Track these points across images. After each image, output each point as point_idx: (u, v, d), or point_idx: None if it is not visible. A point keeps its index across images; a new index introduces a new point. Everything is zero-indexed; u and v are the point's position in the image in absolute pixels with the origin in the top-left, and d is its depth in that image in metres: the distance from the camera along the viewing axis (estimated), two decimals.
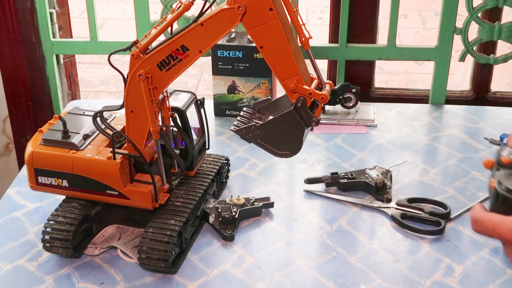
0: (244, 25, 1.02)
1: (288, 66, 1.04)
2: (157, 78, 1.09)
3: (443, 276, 1.15)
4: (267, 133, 1.07)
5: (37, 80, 1.80)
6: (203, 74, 3.61)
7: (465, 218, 1.28)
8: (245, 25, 1.02)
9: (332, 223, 1.28)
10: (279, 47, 1.03)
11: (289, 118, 1.05)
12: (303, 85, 1.04)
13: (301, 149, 1.08)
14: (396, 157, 1.48)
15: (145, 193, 1.14)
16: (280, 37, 1.02)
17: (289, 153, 1.09)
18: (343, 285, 1.13)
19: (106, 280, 1.14)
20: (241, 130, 1.09)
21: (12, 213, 1.31)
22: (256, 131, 1.08)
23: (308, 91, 1.04)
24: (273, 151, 1.09)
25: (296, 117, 1.05)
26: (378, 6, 1.76)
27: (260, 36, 1.03)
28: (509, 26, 1.66)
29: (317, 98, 1.04)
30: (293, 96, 1.05)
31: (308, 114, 1.05)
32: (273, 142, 1.08)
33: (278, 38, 1.02)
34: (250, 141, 1.09)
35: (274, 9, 1.00)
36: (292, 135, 1.07)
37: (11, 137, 1.90)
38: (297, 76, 1.04)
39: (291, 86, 1.04)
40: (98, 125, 1.16)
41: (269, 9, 1.00)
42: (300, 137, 1.07)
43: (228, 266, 1.17)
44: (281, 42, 1.02)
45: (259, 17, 1.01)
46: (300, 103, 1.04)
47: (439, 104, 1.74)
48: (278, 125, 1.07)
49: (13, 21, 1.72)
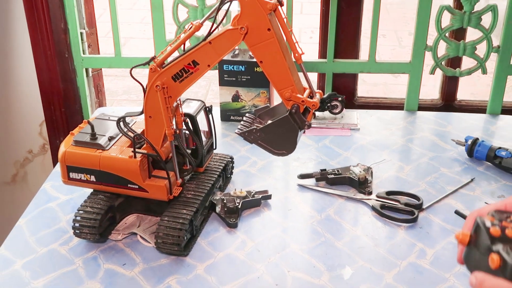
0: (246, 43, 1.02)
1: (283, 78, 1.03)
2: (172, 88, 1.08)
3: (416, 258, 1.14)
4: (266, 135, 1.07)
5: (69, 90, 1.79)
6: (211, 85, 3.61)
7: (435, 208, 1.28)
8: (247, 43, 1.02)
9: (321, 212, 1.27)
10: (276, 61, 1.02)
11: (285, 122, 1.05)
12: (297, 94, 1.04)
13: (295, 149, 1.08)
14: (376, 156, 1.48)
15: (161, 186, 1.13)
16: (277, 53, 1.01)
17: (285, 152, 1.09)
18: (331, 266, 1.12)
19: (128, 261, 1.13)
20: (244, 133, 1.08)
21: (47, 204, 1.30)
22: (257, 134, 1.07)
23: (301, 99, 1.03)
24: (271, 150, 1.09)
25: (291, 122, 1.05)
26: (360, 27, 1.75)
27: (260, 53, 1.02)
28: (473, 44, 1.65)
29: (309, 105, 1.04)
30: (288, 103, 1.05)
31: (301, 118, 1.05)
32: (272, 143, 1.08)
33: (275, 54, 1.01)
34: (252, 142, 1.08)
35: (272, 29, 1.00)
36: (288, 137, 1.07)
37: (46, 138, 1.89)
38: (292, 86, 1.03)
39: (287, 95, 1.04)
40: (121, 128, 1.15)
41: (267, 29, 1.00)
42: (295, 139, 1.07)
43: (232, 250, 1.16)
44: (277, 57, 1.02)
45: (259, 36, 1.01)
46: (294, 110, 1.04)
47: (413, 111, 1.73)
48: (276, 128, 1.06)
49: (49, 40, 1.71)
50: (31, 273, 1.10)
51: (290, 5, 1.64)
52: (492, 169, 1.42)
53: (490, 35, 1.63)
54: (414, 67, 1.70)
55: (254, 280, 1.09)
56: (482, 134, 1.58)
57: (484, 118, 1.69)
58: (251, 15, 1.00)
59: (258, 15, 0.99)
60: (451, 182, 1.37)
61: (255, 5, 0.99)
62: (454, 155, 1.48)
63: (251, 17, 1.00)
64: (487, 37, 1.63)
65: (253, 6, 0.99)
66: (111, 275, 1.10)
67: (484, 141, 1.45)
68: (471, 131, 1.59)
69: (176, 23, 1.68)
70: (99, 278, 1.09)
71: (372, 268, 1.11)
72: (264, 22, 0.99)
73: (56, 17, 1.69)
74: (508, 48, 1.64)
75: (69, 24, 1.70)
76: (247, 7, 1.00)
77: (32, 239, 1.19)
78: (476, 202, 1.30)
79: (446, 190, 1.34)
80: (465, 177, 1.39)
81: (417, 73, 1.70)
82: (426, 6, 1.62)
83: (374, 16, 1.65)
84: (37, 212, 1.28)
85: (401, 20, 4.49)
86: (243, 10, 1.00)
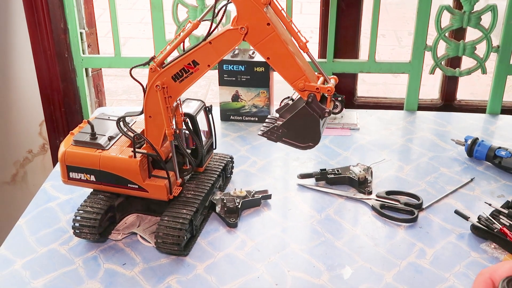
0: (250, 43, 1.02)
1: (293, 70, 1.02)
2: (172, 88, 1.08)
3: (416, 258, 1.14)
4: (289, 131, 1.05)
5: (69, 90, 1.79)
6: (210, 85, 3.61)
7: (435, 208, 1.28)
8: (250, 43, 1.02)
9: (321, 212, 1.27)
10: (282, 54, 1.01)
11: (304, 113, 1.02)
12: (310, 82, 1.02)
13: (320, 139, 1.05)
14: (376, 156, 1.48)
15: (161, 186, 1.13)
16: (281, 46, 1.01)
17: (311, 144, 1.06)
18: (331, 265, 1.12)
19: (128, 261, 1.13)
20: (266, 133, 1.06)
21: (47, 204, 1.30)
22: (279, 131, 1.05)
23: (315, 86, 1.02)
24: (297, 145, 1.06)
25: (310, 112, 1.02)
26: (360, 27, 1.75)
27: (264, 49, 1.02)
28: (472, 44, 1.65)
29: (324, 91, 1.02)
30: (304, 94, 1.03)
31: (320, 107, 1.02)
32: (296, 137, 1.05)
33: (280, 47, 1.01)
34: (276, 140, 1.06)
35: (271, 23, 0.99)
36: (311, 128, 1.04)
37: (46, 138, 1.89)
38: (303, 76, 1.02)
39: (300, 85, 1.02)
40: (121, 128, 1.15)
41: (266, 24, 0.99)
42: (318, 129, 1.04)
43: (232, 249, 1.16)
44: (282, 50, 1.01)
45: (260, 33, 1.01)
46: (311, 99, 1.02)
47: (412, 111, 1.73)
48: (296, 121, 1.04)
49: (48, 40, 1.71)
50: (31, 273, 1.10)
51: (290, 5, 1.64)
52: (492, 169, 1.42)
53: (489, 35, 1.63)
54: (413, 67, 1.70)
55: (254, 279, 1.09)
56: (481, 134, 1.58)
57: (484, 118, 1.69)
58: (247, 13, 1.00)
59: (255, 11, 0.99)
60: (450, 182, 1.37)
61: (249, 2, 0.99)
62: (454, 155, 1.48)
63: (248, 15, 1.00)
64: (486, 37, 1.63)
65: (247, 4, 0.99)
66: (111, 275, 1.10)
67: (483, 141, 1.45)
68: (471, 131, 1.59)
69: (175, 23, 1.68)
70: (99, 278, 1.09)
71: (372, 267, 1.11)
72: (262, 17, 0.99)
73: (56, 17, 1.69)
74: (507, 48, 1.65)
75: (69, 24, 1.70)
76: (242, 6, 1.00)
77: (32, 239, 1.19)
78: (475, 202, 1.30)
79: (446, 190, 1.34)
80: (465, 177, 1.39)
81: (417, 73, 1.70)
82: (426, 6, 1.62)
83: (373, 16, 1.65)
84: (37, 212, 1.28)
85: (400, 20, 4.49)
86: (239, 10, 1.01)
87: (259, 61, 1.58)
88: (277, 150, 1.50)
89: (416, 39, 1.66)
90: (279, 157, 1.48)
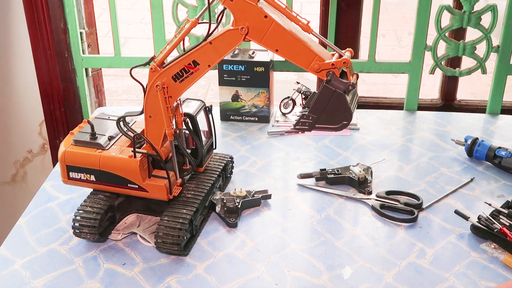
0: (254, 40, 1.02)
1: (304, 54, 1.01)
2: (172, 88, 1.08)
3: (416, 258, 1.14)
4: (319, 116, 1.03)
5: (69, 90, 1.79)
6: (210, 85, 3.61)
7: (435, 208, 1.28)
8: (255, 40, 1.02)
9: (321, 212, 1.27)
10: (289, 42, 1.01)
11: (327, 93, 1.00)
12: (324, 61, 1.00)
13: (353, 115, 1.03)
14: (376, 156, 1.48)
15: (161, 186, 1.13)
16: (285, 35, 1.00)
17: (345, 122, 1.03)
18: (331, 265, 1.12)
19: (127, 261, 1.13)
20: (297, 124, 1.04)
21: (47, 204, 1.30)
22: (309, 119, 1.03)
23: (330, 63, 1.00)
24: (331, 128, 1.04)
25: (332, 89, 1.00)
26: (360, 27, 1.75)
27: (270, 42, 1.02)
28: (472, 44, 1.65)
29: (340, 65, 1.00)
30: (322, 74, 1.01)
31: (342, 82, 1.00)
32: (328, 120, 1.03)
33: (284, 36, 1.00)
34: (310, 129, 1.03)
35: (268, 15, 0.99)
36: (339, 106, 1.01)
37: (46, 138, 1.89)
38: (316, 57, 1.00)
39: (315, 67, 1.01)
40: (121, 128, 1.15)
41: (264, 17, 0.99)
42: (346, 105, 1.01)
43: (232, 249, 1.16)
44: (287, 38, 1.00)
45: (261, 28, 1.01)
46: (329, 77, 1.00)
47: (412, 111, 1.73)
48: (323, 104, 1.01)
49: (48, 40, 1.71)
50: (31, 272, 1.10)
51: (289, 5, 1.64)
52: (492, 168, 1.42)
53: (489, 35, 1.63)
54: (413, 67, 1.70)
55: (254, 279, 1.09)
56: (481, 134, 1.58)
57: (484, 118, 1.69)
58: (243, 13, 1.00)
59: (249, 9, 0.99)
60: (450, 182, 1.37)
61: (241, 2, 0.99)
62: (454, 155, 1.48)
63: (244, 15, 1.00)
64: (486, 37, 1.63)
65: (240, 4, 0.99)
66: (111, 275, 1.10)
67: (483, 141, 1.45)
68: (471, 130, 1.59)
69: (175, 22, 1.68)
70: (99, 278, 1.09)
71: (372, 267, 1.11)
72: (257, 12, 0.99)
73: (56, 17, 1.69)
74: (507, 48, 1.65)
75: (68, 24, 1.70)
76: (236, 9, 1.00)
77: (32, 238, 1.19)
78: (475, 202, 1.30)
79: (446, 189, 1.34)
80: (465, 177, 1.39)
81: (417, 73, 1.70)
82: (426, 6, 1.62)
83: (373, 16, 1.65)
84: (37, 211, 1.28)
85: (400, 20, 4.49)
86: (234, 12, 1.01)
87: (259, 61, 1.58)
88: (277, 150, 1.51)
89: (416, 39, 1.66)
90: (279, 157, 1.48)
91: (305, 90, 1.63)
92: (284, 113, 1.66)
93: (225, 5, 1.00)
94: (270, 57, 1.60)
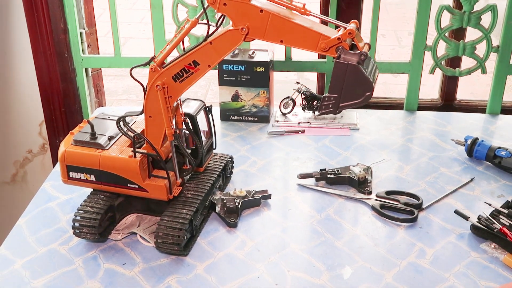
0: (258, 38, 1.02)
1: (308, 37, 1.00)
2: (172, 88, 1.08)
3: (416, 258, 1.14)
4: (340, 94, 1.00)
5: (69, 90, 1.79)
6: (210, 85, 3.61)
7: (435, 208, 1.28)
8: (258, 38, 1.02)
9: (321, 212, 1.27)
10: (290, 30, 1.00)
11: (340, 69, 0.98)
12: (330, 38, 0.99)
13: (373, 84, 1.01)
14: (376, 156, 1.48)
15: (161, 186, 1.13)
16: (285, 24, 1.00)
17: (368, 94, 1.01)
18: (331, 265, 1.12)
19: (127, 261, 1.13)
20: (320, 109, 1.02)
21: (47, 204, 1.30)
22: (331, 99, 1.01)
23: (336, 37, 0.98)
24: (356, 103, 1.01)
25: (345, 64, 0.98)
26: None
27: (272, 35, 1.01)
28: (472, 44, 1.65)
29: (346, 38, 0.99)
30: (332, 52, 1.00)
31: (352, 54, 0.98)
32: (351, 97, 1.01)
33: (284, 25, 1.00)
34: (337, 110, 1.02)
35: (264, 9, 0.99)
36: (356, 79, 0.99)
37: (46, 138, 1.90)
38: (321, 36, 0.99)
39: (323, 46, 0.99)
40: (121, 128, 1.15)
41: (260, 12, 1.00)
42: (363, 76, 0.99)
43: (232, 249, 1.16)
44: (288, 26, 1.00)
45: (260, 25, 1.01)
46: (339, 52, 0.99)
47: (412, 111, 1.73)
48: (340, 81, 0.99)
49: (48, 40, 1.71)
50: (31, 272, 1.10)
51: None
52: (492, 168, 1.42)
53: (489, 35, 1.63)
54: (413, 67, 1.70)
55: (254, 279, 1.09)
56: (481, 134, 1.58)
57: (484, 118, 1.69)
58: (239, 14, 1.00)
59: (244, 8, 0.99)
60: (450, 181, 1.37)
61: (234, 4, 0.99)
62: (454, 154, 1.48)
63: (241, 15, 1.00)
64: (486, 37, 1.63)
65: (234, 6, 1.00)
66: (111, 275, 1.10)
67: (483, 141, 1.45)
68: (471, 130, 1.59)
69: (175, 23, 1.68)
70: (99, 278, 1.09)
71: (372, 267, 1.11)
72: (252, 9, 0.99)
73: (55, 17, 1.69)
74: (507, 48, 1.65)
75: (68, 24, 1.70)
76: (231, 12, 1.00)
77: (32, 238, 1.19)
78: (475, 202, 1.30)
79: (446, 189, 1.34)
80: (465, 177, 1.39)
81: (417, 73, 1.70)
82: (426, 6, 1.62)
83: (373, 16, 1.65)
84: (37, 211, 1.28)
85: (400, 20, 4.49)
86: (230, 15, 1.01)
87: (259, 61, 1.58)
88: (277, 150, 1.51)
89: (416, 39, 1.66)
90: (279, 157, 1.48)
91: (305, 90, 1.63)
92: (284, 113, 1.66)
93: (220, 12, 1.01)
94: (270, 57, 1.60)
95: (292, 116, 1.66)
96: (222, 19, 1.06)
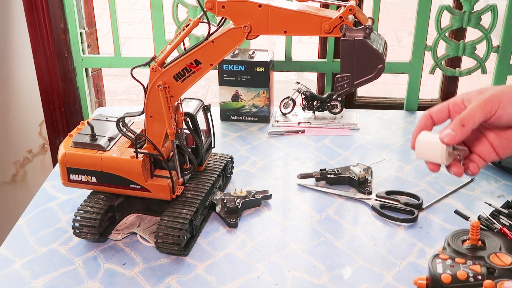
0: (260, 33, 1.02)
1: (310, 21, 1.00)
2: (174, 88, 1.08)
3: (416, 258, 1.14)
4: (352, 71, 1.00)
5: (69, 90, 1.79)
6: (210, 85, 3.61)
7: (435, 208, 1.28)
8: (260, 33, 1.02)
9: (321, 212, 1.27)
10: (292, 18, 1.00)
11: (348, 46, 0.98)
12: (332, 18, 0.99)
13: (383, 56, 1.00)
14: (376, 156, 1.48)
15: (164, 186, 1.13)
16: (285, 13, 1.00)
17: (380, 66, 1.00)
18: (331, 265, 1.12)
19: (127, 261, 1.13)
20: (336, 90, 1.02)
21: (47, 204, 1.30)
22: (344, 79, 1.01)
23: (337, 17, 0.98)
24: (370, 78, 1.01)
25: (351, 40, 0.98)
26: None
27: (275, 27, 1.01)
28: (472, 44, 1.66)
29: (347, 15, 0.98)
30: (337, 32, 0.99)
31: (357, 30, 0.98)
32: (363, 73, 1.00)
33: (284, 15, 1.00)
34: (351, 89, 1.01)
35: (262, 3, 1.00)
36: (366, 54, 0.99)
37: (46, 138, 1.90)
38: (322, 19, 0.99)
39: (326, 28, 0.99)
40: (120, 128, 1.15)
41: (258, 7, 1.00)
42: (372, 49, 0.98)
43: (232, 249, 1.16)
44: (289, 15, 1.00)
45: (262, 21, 1.01)
46: (344, 29, 0.98)
47: (413, 111, 1.74)
48: (349, 59, 0.99)
49: (48, 40, 1.71)
50: (31, 272, 1.10)
51: None
52: (492, 168, 1.42)
53: (489, 35, 1.63)
54: (413, 67, 1.70)
55: (254, 279, 1.09)
56: None
57: None
58: (239, 13, 1.00)
59: (243, 7, 0.99)
60: (450, 181, 1.37)
61: (233, 4, 0.99)
62: None
63: (241, 14, 1.00)
64: (486, 37, 1.63)
65: (232, 6, 1.00)
66: (111, 275, 1.10)
67: None
68: None
69: (175, 23, 1.68)
70: (99, 278, 1.09)
71: (372, 267, 1.11)
72: (251, 6, 0.99)
73: (55, 17, 1.70)
74: (507, 48, 1.65)
75: (68, 24, 1.70)
76: (230, 12, 1.00)
77: (32, 238, 1.19)
78: (475, 202, 1.30)
79: (446, 189, 1.34)
80: (465, 177, 1.39)
81: (417, 73, 1.71)
82: (426, 6, 1.62)
83: (373, 16, 1.65)
84: (37, 212, 1.28)
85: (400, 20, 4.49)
86: (230, 16, 1.01)
87: (259, 61, 1.58)
88: (277, 150, 1.51)
89: (416, 39, 1.66)
90: (279, 157, 1.48)
91: (305, 90, 1.63)
92: (284, 113, 1.66)
93: (220, 15, 1.01)
94: (270, 57, 1.60)
95: (292, 116, 1.66)
96: (224, 19, 1.06)
